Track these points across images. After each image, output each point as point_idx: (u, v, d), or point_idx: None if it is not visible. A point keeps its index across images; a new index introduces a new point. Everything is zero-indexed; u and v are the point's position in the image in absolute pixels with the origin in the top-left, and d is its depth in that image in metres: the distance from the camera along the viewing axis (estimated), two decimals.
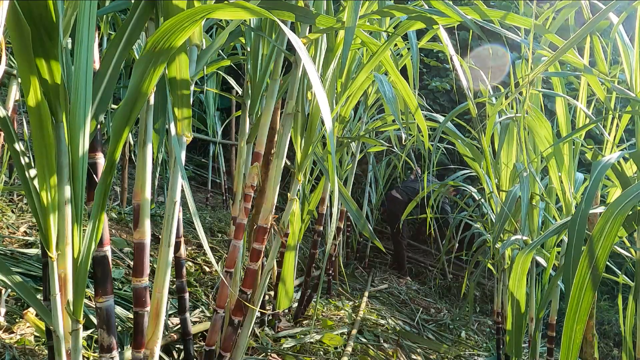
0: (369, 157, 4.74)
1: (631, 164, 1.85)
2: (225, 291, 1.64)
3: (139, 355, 1.16)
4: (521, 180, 2.06)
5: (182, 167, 1.09)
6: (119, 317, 1.91)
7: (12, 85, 1.65)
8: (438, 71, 6.06)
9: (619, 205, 1.01)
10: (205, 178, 5.43)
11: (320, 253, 3.94)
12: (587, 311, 0.93)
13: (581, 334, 0.91)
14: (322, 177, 2.66)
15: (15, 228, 2.44)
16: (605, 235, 0.97)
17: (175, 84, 1.12)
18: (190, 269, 2.79)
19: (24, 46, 0.86)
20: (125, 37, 1.06)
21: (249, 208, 1.64)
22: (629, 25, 1.73)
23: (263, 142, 1.62)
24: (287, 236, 2.03)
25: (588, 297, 0.93)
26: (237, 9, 0.98)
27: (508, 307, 1.92)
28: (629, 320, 1.71)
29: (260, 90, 1.76)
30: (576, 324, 0.92)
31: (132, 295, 1.20)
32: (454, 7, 1.39)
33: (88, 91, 0.95)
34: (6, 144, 0.98)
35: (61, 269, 0.97)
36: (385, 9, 1.46)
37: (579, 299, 0.93)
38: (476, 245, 3.16)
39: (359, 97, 2.31)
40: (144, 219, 1.17)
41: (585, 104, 2.04)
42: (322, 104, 0.93)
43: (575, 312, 0.93)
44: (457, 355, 3.07)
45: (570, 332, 0.92)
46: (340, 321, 2.86)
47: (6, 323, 1.72)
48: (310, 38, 1.45)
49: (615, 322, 4.36)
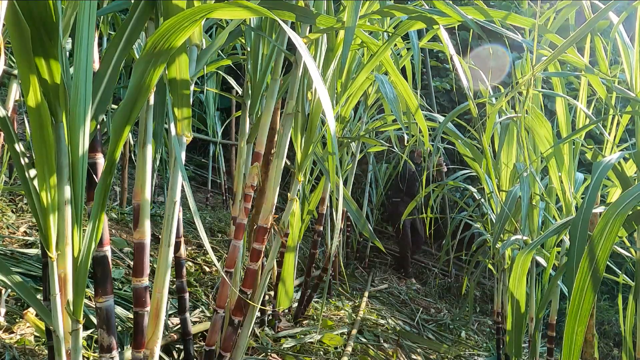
0: (369, 157, 4.74)
1: (631, 164, 1.85)
2: (226, 291, 1.64)
3: (139, 355, 1.16)
4: (521, 180, 2.06)
5: (182, 167, 1.09)
6: (119, 317, 1.91)
7: (12, 85, 1.64)
8: (438, 71, 6.06)
9: (618, 206, 1.01)
10: (205, 178, 5.43)
11: (321, 253, 3.94)
12: (588, 313, 0.92)
13: (582, 336, 0.91)
14: (322, 177, 2.66)
15: (15, 228, 2.44)
16: (605, 236, 0.97)
17: (175, 84, 1.12)
18: (190, 269, 2.79)
19: (23, 46, 0.86)
20: (125, 37, 1.06)
21: (249, 208, 1.63)
22: (629, 25, 1.73)
23: (263, 142, 1.62)
24: (287, 236, 2.03)
25: (589, 298, 0.92)
26: (237, 9, 0.98)
27: (508, 307, 1.92)
28: (629, 320, 1.71)
29: (260, 90, 1.76)
30: (577, 326, 0.91)
31: (132, 295, 1.20)
32: (454, 6, 1.39)
33: (88, 91, 0.95)
34: (6, 144, 0.98)
35: (61, 269, 0.97)
36: (385, 9, 1.46)
37: (579, 301, 0.93)
38: (476, 245, 3.16)
39: (359, 97, 2.31)
40: (144, 219, 1.17)
41: (585, 104, 2.04)
42: (324, 100, 0.93)
43: (576, 314, 0.93)
44: (457, 355, 3.07)
45: (572, 334, 0.91)
46: (340, 321, 2.86)
47: (6, 323, 1.72)
48: (311, 38, 1.45)
49: (615, 322, 4.36)
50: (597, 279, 0.93)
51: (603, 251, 0.95)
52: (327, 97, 0.94)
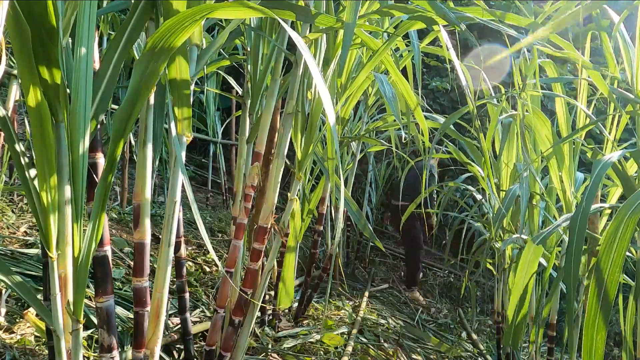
0: (369, 157, 4.73)
1: (632, 163, 1.85)
2: (226, 291, 1.64)
3: (140, 355, 1.16)
4: (521, 180, 2.06)
5: (182, 166, 1.09)
6: (119, 317, 1.91)
7: (12, 85, 1.64)
8: (438, 71, 6.06)
9: (630, 207, 0.98)
10: (205, 178, 5.43)
11: (321, 253, 3.94)
12: (607, 323, 0.89)
13: (603, 343, 0.87)
14: (322, 177, 2.66)
15: (15, 228, 2.44)
16: (618, 239, 0.94)
17: (176, 83, 1.12)
18: (191, 269, 2.79)
19: (24, 46, 0.86)
20: (125, 37, 1.06)
21: (249, 208, 1.63)
22: (629, 24, 1.73)
23: (263, 142, 1.62)
24: (287, 236, 2.03)
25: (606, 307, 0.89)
26: (237, 8, 0.98)
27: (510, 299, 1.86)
28: (629, 320, 1.71)
29: (260, 90, 1.76)
30: (596, 333, 0.87)
31: (133, 295, 1.20)
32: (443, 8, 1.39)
33: (88, 91, 0.95)
34: (6, 144, 0.98)
35: (61, 269, 0.97)
36: (385, 9, 1.46)
37: (597, 307, 0.89)
38: (476, 245, 3.15)
39: (359, 96, 2.31)
40: (144, 219, 1.17)
41: (585, 104, 2.04)
42: (325, 99, 0.92)
43: (594, 321, 0.88)
44: (457, 356, 3.06)
45: (591, 343, 0.88)
46: (340, 321, 2.86)
47: (6, 323, 1.72)
48: (310, 38, 1.45)
49: (615, 322, 4.35)
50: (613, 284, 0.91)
51: (618, 254, 0.93)
52: (327, 96, 0.93)
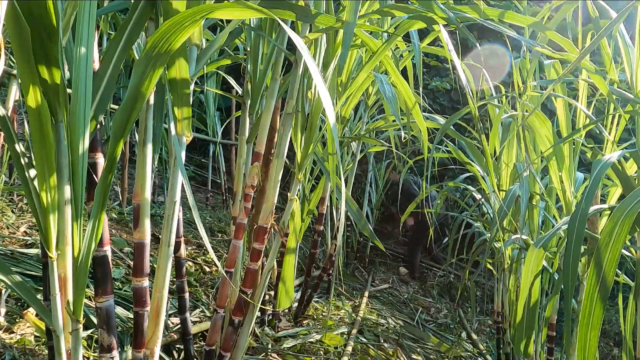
0: (369, 157, 4.73)
1: (632, 164, 1.84)
2: (226, 291, 1.64)
3: (139, 355, 1.16)
4: (521, 180, 2.06)
5: (182, 166, 1.09)
6: (119, 317, 1.91)
7: (12, 85, 1.64)
8: (438, 71, 6.05)
9: (626, 207, 0.99)
10: (205, 178, 5.43)
11: (321, 253, 3.94)
12: (600, 319, 0.89)
13: (596, 341, 0.88)
14: (322, 177, 2.66)
15: (15, 228, 2.44)
16: (613, 239, 0.94)
17: (175, 83, 1.12)
18: (190, 269, 2.79)
19: (23, 46, 0.86)
20: (125, 37, 1.06)
21: (249, 208, 1.63)
22: (629, 24, 1.73)
23: (263, 141, 1.62)
24: (287, 236, 2.03)
25: (599, 303, 0.90)
26: (237, 8, 0.97)
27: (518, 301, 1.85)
28: (629, 320, 1.70)
29: (260, 90, 1.76)
30: (590, 331, 0.88)
31: (132, 295, 1.20)
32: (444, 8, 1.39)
33: (88, 91, 0.95)
34: (6, 144, 0.98)
35: (61, 269, 0.97)
36: (385, 9, 1.46)
37: (591, 305, 0.90)
38: (476, 245, 3.15)
39: (359, 96, 2.31)
40: (144, 219, 1.16)
41: (585, 104, 2.04)
42: (324, 98, 0.92)
43: (588, 320, 0.89)
44: (457, 356, 3.06)
45: (585, 340, 0.89)
46: (340, 321, 2.86)
47: (6, 323, 1.72)
48: (310, 38, 1.45)
49: (615, 321, 4.36)
50: (607, 284, 0.91)
51: (612, 254, 0.93)
52: (327, 96, 0.93)
